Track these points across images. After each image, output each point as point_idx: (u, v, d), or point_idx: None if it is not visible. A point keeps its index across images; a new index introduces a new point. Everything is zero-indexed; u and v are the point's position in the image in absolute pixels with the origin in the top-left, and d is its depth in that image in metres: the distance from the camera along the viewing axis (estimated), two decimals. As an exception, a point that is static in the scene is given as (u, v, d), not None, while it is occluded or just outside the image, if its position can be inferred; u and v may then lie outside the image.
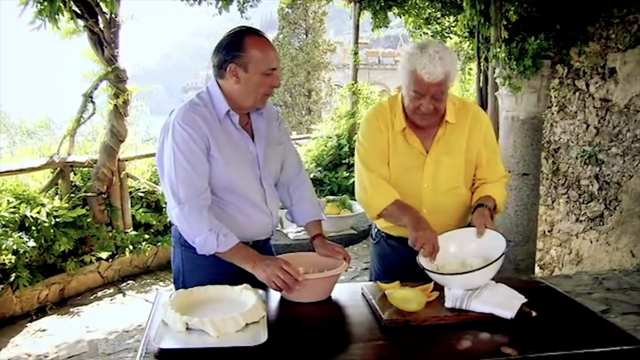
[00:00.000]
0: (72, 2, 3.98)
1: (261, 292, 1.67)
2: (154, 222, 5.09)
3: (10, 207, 3.97)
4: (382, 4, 6.06)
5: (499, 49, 4.18)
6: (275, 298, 1.73)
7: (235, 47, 1.71)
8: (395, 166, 2.00)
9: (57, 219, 4.18)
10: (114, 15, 4.42)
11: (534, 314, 1.56)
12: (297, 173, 2.03)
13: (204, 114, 1.74)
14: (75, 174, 4.70)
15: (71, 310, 4.24)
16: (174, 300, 1.55)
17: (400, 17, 6.07)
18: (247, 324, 1.46)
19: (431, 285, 1.69)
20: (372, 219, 2.08)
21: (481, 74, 4.80)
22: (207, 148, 1.73)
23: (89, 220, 4.50)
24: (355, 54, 7.48)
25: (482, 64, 4.72)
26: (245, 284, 1.65)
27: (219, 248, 1.68)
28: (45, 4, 3.68)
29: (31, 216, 4.00)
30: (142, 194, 5.13)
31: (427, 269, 1.68)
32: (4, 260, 3.73)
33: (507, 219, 4.30)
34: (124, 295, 4.59)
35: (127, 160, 5.00)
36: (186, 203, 1.69)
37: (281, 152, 1.96)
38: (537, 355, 1.38)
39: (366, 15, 6.90)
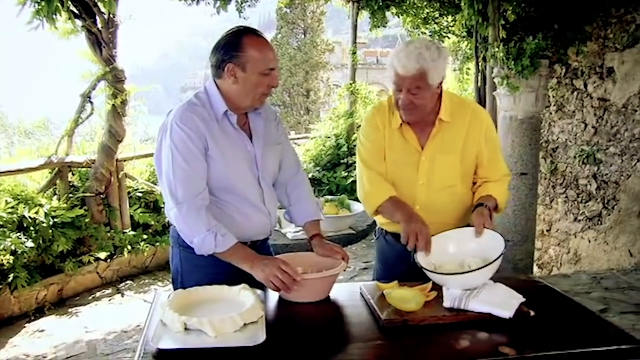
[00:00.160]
0: (70, 3, 3.98)
1: (260, 292, 1.67)
2: (153, 223, 5.09)
3: (9, 208, 3.97)
4: (381, 4, 6.07)
5: (497, 49, 4.18)
6: (273, 298, 1.73)
7: (234, 47, 1.71)
8: (392, 163, 2.02)
9: (55, 220, 4.18)
10: (112, 16, 4.41)
11: (533, 313, 1.56)
12: (295, 173, 2.03)
13: (202, 114, 1.74)
14: (73, 175, 4.70)
15: (70, 310, 4.23)
16: (172, 300, 1.55)
17: (399, 17, 6.07)
18: (245, 324, 1.46)
19: (430, 285, 1.69)
20: (371, 216, 2.10)
21: (479, 74, 4.81)
22: (206, 148, 1.73)
23: (87, 220, 4.50)
24: (354, 54, 7.48)
25: (480, 63, 4.72)
26: (243, 284, 1.65)
27: (218, 248, 1.68)
28: (43, 4, 3.67)
29: (29, 217, 4.00)
30: (140, 195, 5.13)
31: (425, 269, 1.68)
32: (2, 260, 3.73)
33: (506, 218, 4.31)
34: (123, 295, 4.58)
35: (125, 161, 5.00)
36: (184, 203, 1.68)
37: (279, 152, 1.96)
38: (535, 355, 1.38)
39: (364, 15, 6.91)
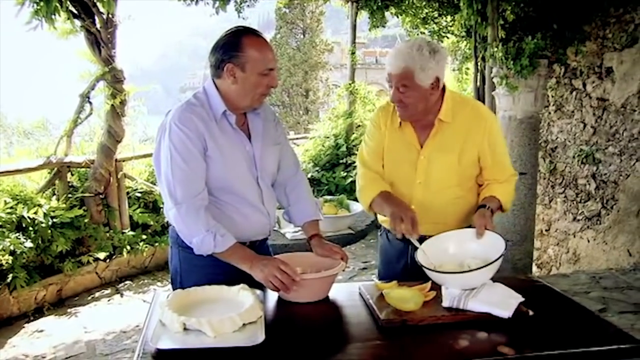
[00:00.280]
0: (68, 2, 3.98)
1: (258, 292, 1.67)
2: (152, 223, 5.09)
3: (7, 208, 3.97)
4: (379, 4, 6.06)
5: (496, 49, 4.18)
6: (272, 298, 1.73)
7: (233, 47, 1.71)
8: (391, 161, 2.05)
9: (54, 220, 4.18)
10: (110, 15, 4.41)
11: (531, 313, 1.56)
12: (294, 173, 2.02)
13: (200, 114, 1.73)
14: (72, 175, 4.70)
15: (69, 310, 4.23)
16: (171, 300, 1.55)
17: (398, 17, 6.06)
18: (244, 324, 1.46)
19: (428, 284, 1.70)
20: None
21: (478, 74, 4.81)
22: (204, 148, 1.73)
23: (86, 220, 4.50)
24: (353, 53, 7.48)
25: (479, 63, 4.73)
26: (242, 284, 1.65)
27: (217, 248, 1.68)
28: (42, 4, 3.67)
29: (28, 217, 4.00)
30: (139, 195, 5.13)
31: (425, 267, 1.68)
32: (1, 261, 3.73)
33: (505, 218, 4.31)
34: (122, 295, 4.58)
35: (124, 161, 5.00)
36: (183, 203, 1.68)
37: (278, 152, 1.96)
38: (534, 355, 1.38)
39: (363, 15, 6.91)
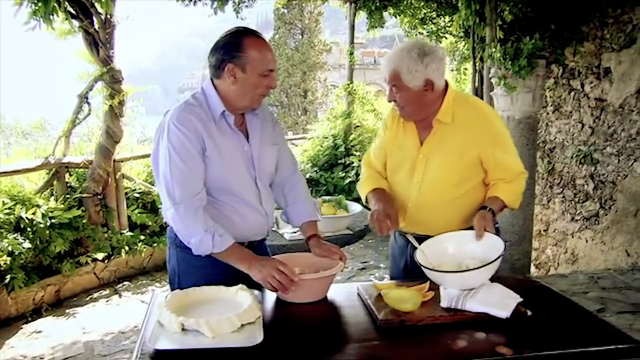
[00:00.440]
0: (66, 3, 3.97)
1: (257, 292, 1.67)
2: (150, 223, 5.08)
3: (6, 209, 3.97)
4: (378, 4, 6.07)
5: (494, 49, 4.19)
6: (270, 298, 1.73)
7: (234, 48, 1.71)
8: (393, 160, 2.08)
9: (52, 220, 4.17)
10: (109, 16, 4.40)
11: (530, 313, 1.57)
12: (292, 174, 2.03)
13: (199, 114, 1.73)
14: (70, 175, 4.69)
15: (67, 311, 4.22)
16: (169, 301, 1.55)
17: (396, 17, 6.07)
18: (242, 324, 1.46)
19: (427, 285, 1.70)
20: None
21: (476, 74, 4.81)
22: (203, 149, 1.73)
23: (84, 221, 4.49)
24: (351, 54, 7.48)
25: (477, 64, 4.73)
26: (240, 285, 1.65)
27: (215, 248, 1.68)
28: (40, 4, 3.66)
29: (26, 217, 3.99)
30: (137, 195, 5.13)
31: (423, 265, 1.69)
32: (-1, 261, 3.72)
33: (503, 218, 4.31)
34: (120, 296, 4.58)
35: (122, 161, 4.99)
36: (181, 203, 1.68)
37: (276, 153, 1.96)
38: (532, 355, 1.38)
39: (362, 16, 6.91)
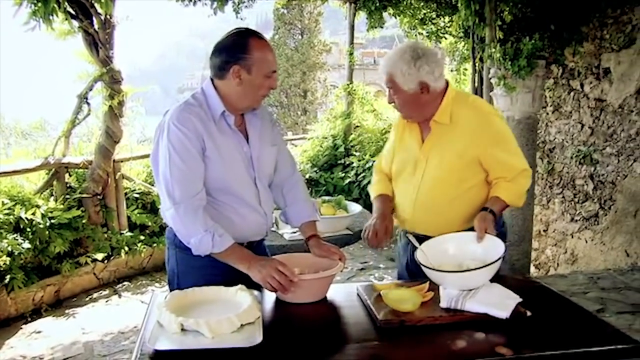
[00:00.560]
0: (66, 3, 3.96)
1: (256, 292, 1.67)
2: (150, 223, 5.08)
3: (5, 209, 3.96)
4: (377, 5, 6.07)
5: (493, 49, 4.19)
6: (270, 299, 1.73)
7: (240, 49, 1.71)
8: (398, 160, 2.10)
9: (52, 221, 4.17)
10: (108, 16, 4.40)
11: (529, 313, 1.57)
12: (291, 174, 2.03)
13: (199, 114, 1.73)
14: (70, 175, 4.69)
15: (66, 311, 4.22)
16: (169, 301, 1.55)
17: (396, 18, 6.07)
18: (242, 324, 1.46)
19: (426, 285, 1.70)
20: None
21: (476, 74, 4.82)
22: (203, 149, 1.73)
23: (84, 221, 4.49)
24: (351, 54, 7.49)
25: (477, 64, 4.73)
26: (240, 285, 1.65)
27: (214, 248, 1.68)
28: (39, 4, 3.66)
29: (26, 218, 3.99)
30: (137, 195, 5.12)
31: (423, 265, 1.69)
32: (-2, 262, 3.72)
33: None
34: (120, 296, 4.57)
35: (122, 162, 4.99)
36: (181, 203, 1.68)
37: (275, 153, 1.95)
38: (532, 355, 1.38)
39: (361, 16, 6.92)
